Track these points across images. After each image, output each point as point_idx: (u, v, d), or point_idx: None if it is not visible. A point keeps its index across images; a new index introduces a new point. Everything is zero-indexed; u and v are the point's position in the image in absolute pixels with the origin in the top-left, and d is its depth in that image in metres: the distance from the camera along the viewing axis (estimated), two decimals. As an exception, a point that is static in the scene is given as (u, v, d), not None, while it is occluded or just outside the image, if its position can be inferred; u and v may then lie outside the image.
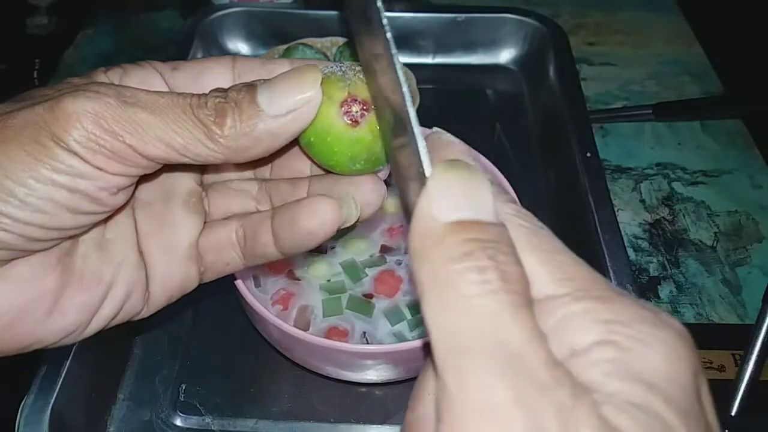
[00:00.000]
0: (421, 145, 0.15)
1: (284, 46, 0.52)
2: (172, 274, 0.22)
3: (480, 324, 0.12)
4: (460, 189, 0.14)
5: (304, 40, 0.52)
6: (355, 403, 0.35)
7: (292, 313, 0.35)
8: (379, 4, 0.17)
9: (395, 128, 0.17)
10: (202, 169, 0.23)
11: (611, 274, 0.38)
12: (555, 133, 0.50)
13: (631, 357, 0.12)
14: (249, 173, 0.24)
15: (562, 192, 0.46)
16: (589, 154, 0.45)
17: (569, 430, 0.11)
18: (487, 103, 0.56)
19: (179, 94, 0.18)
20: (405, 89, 0.16)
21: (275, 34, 0.57)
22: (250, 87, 0.18)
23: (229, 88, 0.18)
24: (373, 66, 0.19)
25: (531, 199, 0.38)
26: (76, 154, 0.17)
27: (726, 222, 0.47)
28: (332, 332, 0.34)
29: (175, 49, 0.54)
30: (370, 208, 0.21)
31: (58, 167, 0.17)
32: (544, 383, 0.11)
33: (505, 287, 0.12)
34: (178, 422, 0.35)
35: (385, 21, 0.16)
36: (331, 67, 0.20)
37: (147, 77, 0.20)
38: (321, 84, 0.18)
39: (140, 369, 0.37)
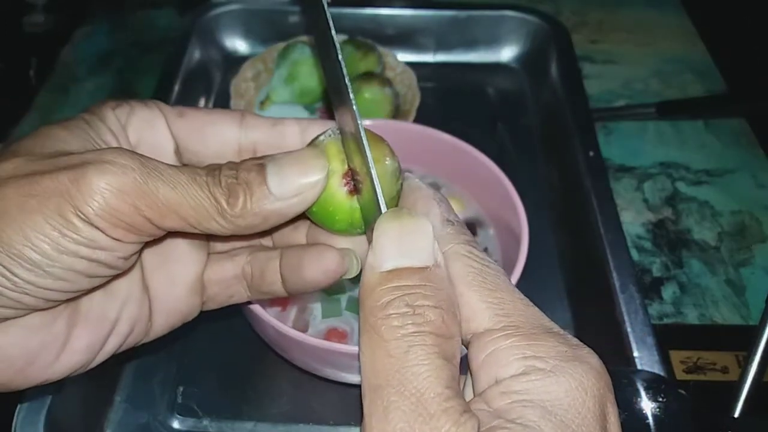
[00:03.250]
0: (380, 196, 0.17)
1: (282, 44, 0.51)
2: (175, 307, 0.23)
3: (392, 363, 0.14)
4: (397, 238, 0.16)
5: (303, 38, 0.52)
6: (354, 405, 0.35)
7: (290, 315, 0.34)
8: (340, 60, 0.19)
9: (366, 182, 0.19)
10: None
11: (614, 274, 0.37)
12: (557, 132, 0.50)
13: (537, 387, 0.15)
14: None
15: (565, 191, 0.46)
16: (591, 153, 0.44)
17: None
18: (489, 102, 0.55)
19: (197, 170, 0.19)
20: (372, 170, 0.18)
21: (273, 32, 0.56)
22: (261, 167, 0.19)
23: (241, 164, 0.19)
24: (345, 132, 0.21)
25: (533, 199, 0.38)
26: (98, 228, 0.17)
27: (730, 222, 0.47)
28: (331, 334, 0.34)
29: (172, 47, 0.53)
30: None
31: (81, 240, 0.17)
32: (432, 415, 0.14)
33: (417, 330, 0.15)
34: (176, 425, 0.34)
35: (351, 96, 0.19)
36: (330, 131, 0.21)
37: (152, 120, 0.21)
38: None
39: (137, 371, 0.36)
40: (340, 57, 0.20)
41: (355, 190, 0.20)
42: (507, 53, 0.58)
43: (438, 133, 0.38)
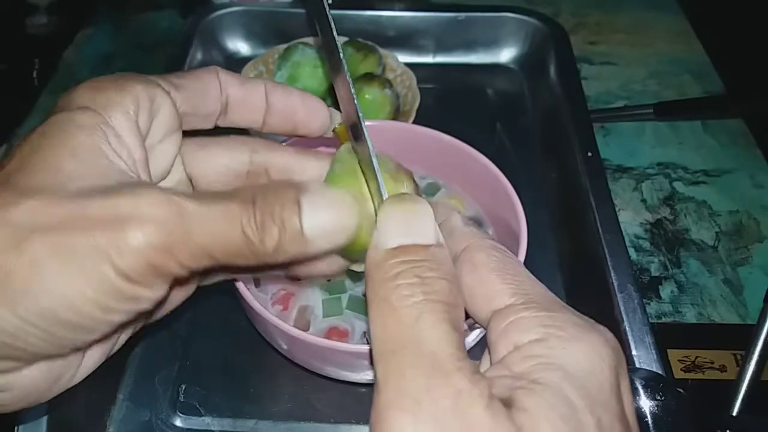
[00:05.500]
0: (381, 182, 0.19)
1: (284, 46, 0.52)
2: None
3: (404, 329, 0.15)
4: (401, 218, 0.17)
5: (304, 40, 0.52)
6: (356, 403, 0.35)
7: (292, 314, 0.35)
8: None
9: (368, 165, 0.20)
10: None
11: (612, 273, 0.38)
12: (556, 133, 0.50)
13: (557, 352, 0.15)
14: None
15: (563, 192, 0.46)
16: (590, 154, 0.45)
17: (461, 405, 0.14)
18: (488, 103, 0.56)
19: (229, 203, 0.17)
20: (379, 178, 0.19)
21: (275, 34, 0.57)
22: (296, 206, 0.18)
23: (275, 195, 0.18)
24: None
25: (532, 199, 0.38)
26: (138, 283, 0.16)
27: (727, 222, 0.47)
28: (332, 332, 0.34)
29: (174, 49, 0.54)
30: None
31: (122, 298, 0.16)
32: (447, 372, 0.14)
33: (426, 299, 0.16)
34: (178, 423, 0.34)
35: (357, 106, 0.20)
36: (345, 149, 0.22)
37: (157, 99, 0.20)
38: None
39: (140, 369, 0.37)
40: (356, 102, 0.21)
41: None
42: (506, 54, 0.59)
43: (438, 134, 0.38)
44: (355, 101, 0.20)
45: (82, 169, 0.17)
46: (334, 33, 0.21)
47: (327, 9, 0.21)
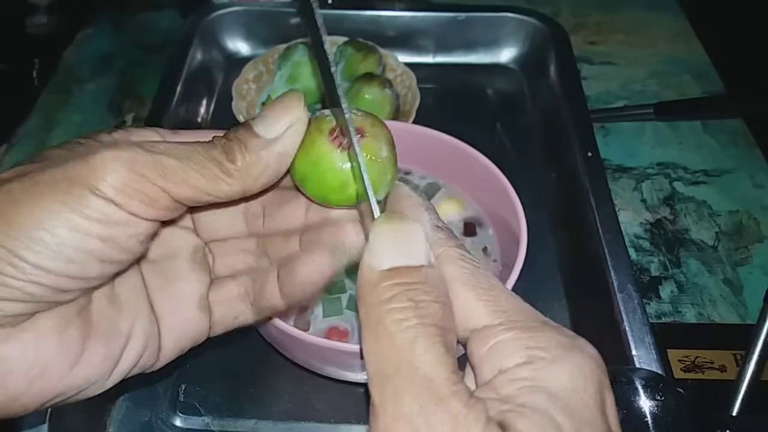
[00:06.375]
0: (373, 202, 0.19)
1: (284, 45, 0.52)
2: (183, 327, 0.23)
3: (399, 353, 0.15)
4: (392, 240, 0.17)
5: (304, 40, 0.52)
6: (355, 403, 0.35)
7: (291, 314, 0.35)
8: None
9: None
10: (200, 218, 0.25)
11: (612, 273, 0.38)
12: (556, 133, 0.50)
13: (542, 374, 0.15)
14: (245, 231, 0.25)
15: (563, 191, 0.46)
16: (590, 154, 0.45)
17: (459, 430, 0.14)
18: (488, 103, 0.56)
19: (193, 142, 0.20)
20: (367, 183, 0.19)
21: (274, 34, 0.57)
22: (245, 123, 0.20)
23: (229, 130, 0.20)
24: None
25: (532, 199, 0.38)
26: (111, 200, 0.17)
27: (727, 222, 0.47)
28: (332, 332, 0.34)
29: (174, 49, 0.54)
30: (356, 249, 0.23)
31: (94, 216, 0.17)
32: (443, 397, 0.15)
33: (420, 322, 0.16)
34: (178, 423, 0.34)
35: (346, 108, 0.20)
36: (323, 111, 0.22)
37: (149, 137, 0.22)
38: (311, 121, 0.21)
39: (140, 369, 0.37)
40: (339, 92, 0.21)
41: (344, 147, 0.21)
42: (506, 54, 0.59)
43: (437, 134, 0.38)
44: (355, 146, 0.20)
45: (69, 154, 0.19)
46: (330, 66, 0.21)
47: (320, 27, 0.22)
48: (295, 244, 0.24)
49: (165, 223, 0.20)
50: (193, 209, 0.20)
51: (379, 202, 0.21)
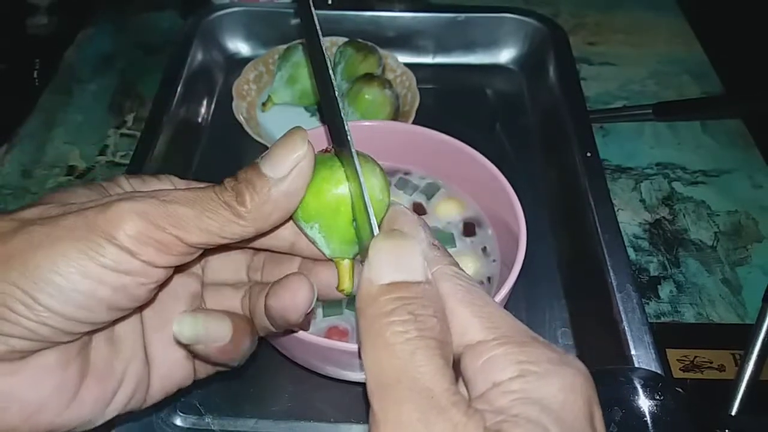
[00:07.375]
0: (373, 220, 0.20)
1: (284, 46, 0.52)
2: (171, 371, 0.23)
3: (399, 364, 0.16)
4: (392, 255, 0.18)
5: (304, 40, 0.52)
6: (355, 402, 0.35)
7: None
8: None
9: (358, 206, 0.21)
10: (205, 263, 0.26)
11: (611, 273, 0.38)
12: (555, 133, 0.50)
13: (533, 387, 0.16)
14: (245, 280, 0.26)
15: (563, 192, 0.46)
16: (589, 154, 0.45)
17: None
18: (487, 103, 0.56)
19: (203, 187, 0.21)
20: (367, 198, 0.20)
21: (275, 34, 0.57)
22: (253, 165, 0.21)
23: (237, 173, 0.21)
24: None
25: (531, 199, 0.38)
26: (127, 249, 0.18)
27: (726, 222, 0.47)
28: (332, 332, 0.34)
29: (174, 49, 0.54)
30: (329, 290, 0.24)
31: (108, 264, 0.18)
32: (443, 407, 0.15)
33: (419, 335, 0.16)
34: (178, 422, 0.35)
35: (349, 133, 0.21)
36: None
37: (162, 187, 0.23)
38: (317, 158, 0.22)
39: (140, 369, 0.37)
40: (339, 104, 0.22)
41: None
42: (505, 55, 0.59)
43: (437, 134, 0.38)
44: (356, 165, 0.21)
45: (92, 194, 0.21)
46: (331, 76, 0.22)
47: (318, 30, 0.23)
48: (295, 269, 0.25)
49: (178, 269, 0.21)
50: (210, 250, 0.21)
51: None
